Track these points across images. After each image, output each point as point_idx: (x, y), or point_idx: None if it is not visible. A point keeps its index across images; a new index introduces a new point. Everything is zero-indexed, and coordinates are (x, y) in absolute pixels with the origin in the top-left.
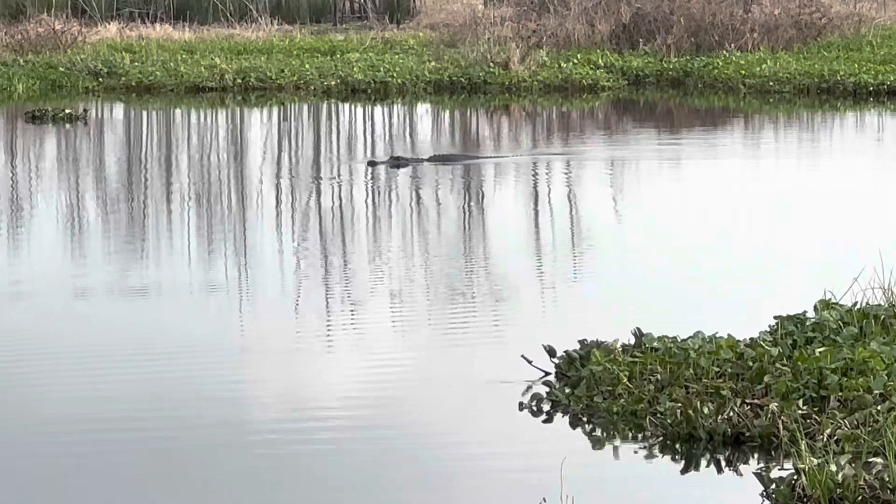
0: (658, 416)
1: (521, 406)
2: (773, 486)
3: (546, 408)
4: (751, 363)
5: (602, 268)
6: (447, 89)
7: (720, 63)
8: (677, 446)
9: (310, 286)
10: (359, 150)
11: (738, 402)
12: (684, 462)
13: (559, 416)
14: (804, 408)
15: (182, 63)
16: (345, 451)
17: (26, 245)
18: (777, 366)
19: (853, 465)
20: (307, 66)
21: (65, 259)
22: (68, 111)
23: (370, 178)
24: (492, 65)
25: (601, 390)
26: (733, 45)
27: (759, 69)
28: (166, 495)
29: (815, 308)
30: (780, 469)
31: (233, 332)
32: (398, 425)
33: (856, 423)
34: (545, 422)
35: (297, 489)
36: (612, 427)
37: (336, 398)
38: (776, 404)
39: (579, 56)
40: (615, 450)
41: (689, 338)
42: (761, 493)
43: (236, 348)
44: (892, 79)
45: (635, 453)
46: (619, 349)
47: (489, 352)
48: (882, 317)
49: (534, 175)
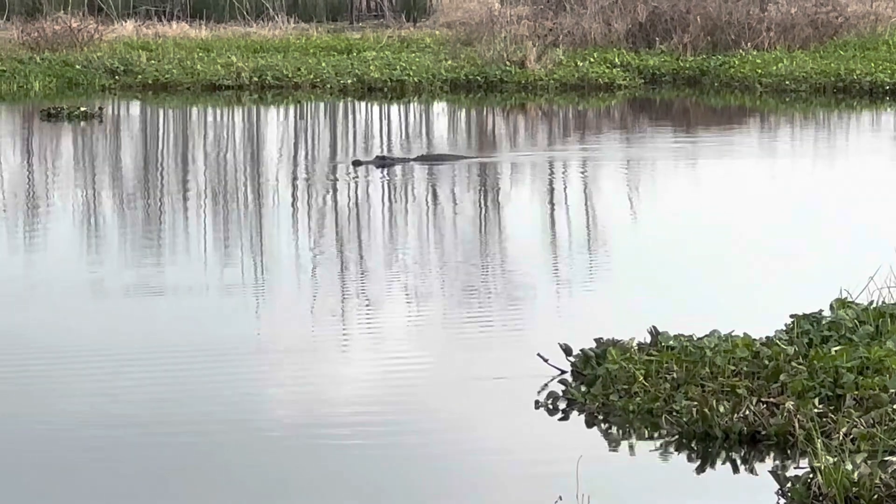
0: (674, 414)
1: (538, 404)
2: (789, 484)
3: (562, 406)
4: (767, 362)
5: (618, 266)
6: (463, 88)
7: (736, 62)
8: (693, 445)
9: (324, 285)
10: (374, 148)
11: (754, 400)
12: (700, 461)
13: (575, 414)
14: (820, 406)
15: (198, 61)
16: (361, 449)
17: (41, 243)
18: (793, 364)
19: (869, 463)
20: (324, 64)
21: (79, 257)
22: (83, 109)
23: (384, 177)
24: (508, 63)
25: (617, 389)
26: (749, 44)
27: (775, 68)
28: (181, 494)
29: (831, 307)
30: (795, 468)
31: (248, 331)
32: (414, 424)
33: (872, 421)
34: (561, 420)
35: (312, 488)
36: (627, 425)
37: (351, 397)
38: (792, 403)
39: (596, 55)
40: (631, 448)
41: (705, 336)
42: (777, 492)
43: (252, 348)
44: None
45: (651, 452)
46: (635, 348)
47: (505, 350)
48: None
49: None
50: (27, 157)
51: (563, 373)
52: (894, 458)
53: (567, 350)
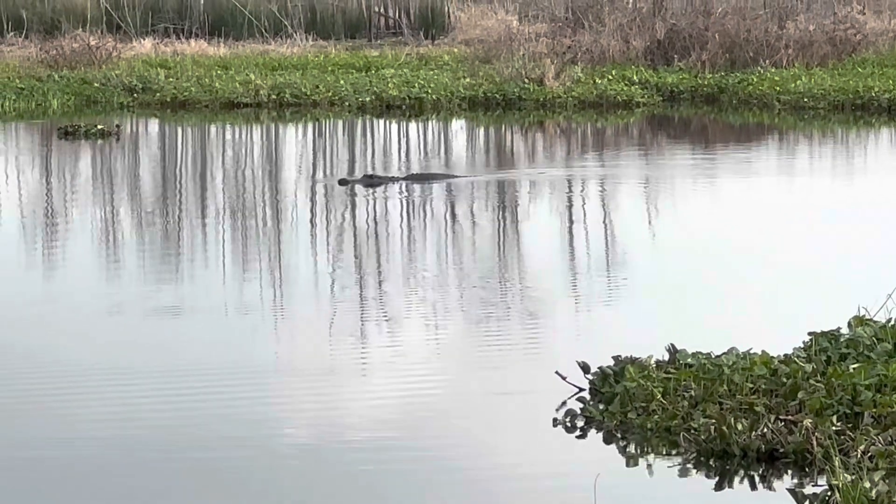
0: (692, 432)
1: (555, 422)
2: (807, 502)
3: (580, 424)
4: (785, 379)
5: (635, 284)
6: (482, 105)
7: (755, 79)
8: (711, 462)
9: (341, 304)
10: (393, 166)
11: (772, 418)
12: (718, 478)
13: (593, 432)
14: (838, 424)
15: (217, 79)
16: (379, 466)
17: (58, 262)
18: (811, 382)
19: (887, 481)
20: (342, 82)
21: (96, 276)
22: (100, 127)
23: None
24: (526, 81)
25: (635, 406)
26: (768, 62)
27: (793, 85)
28: None
29: (849, 324)
30: (813, 485)
31: (267, 352)
32: (432, 441)
33: (890, 439)
34: (579, 438)
35: None
36: (645, 443)
37: (369, 416)
38: (810, 420)
39: (614, 72)
40: (649, 466)
41: (723, 354)
42: None
43: (271, 368)
44: None
45: (669, 470)
46: (653, 365)
47: (523, 368)
48: None
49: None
50: (44, 175)
51: (582, 390)
52: None
53: (585, 368)
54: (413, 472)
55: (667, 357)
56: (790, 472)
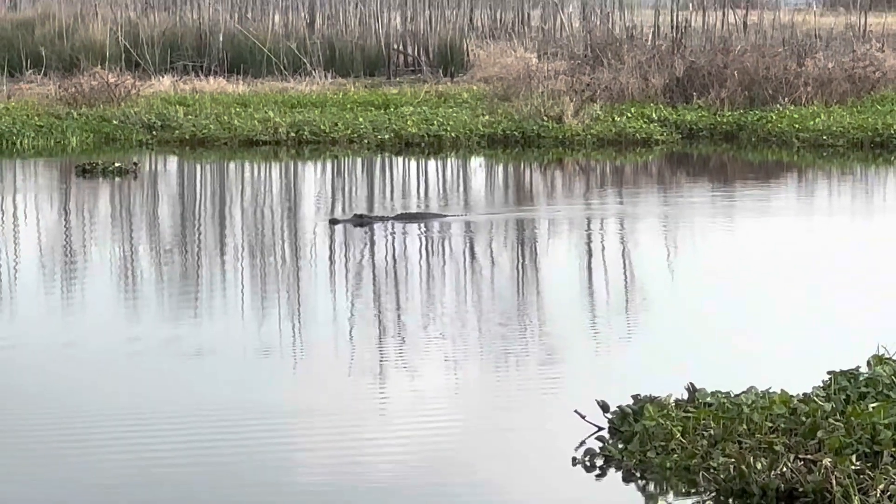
0: (711, 471)
1: (575, 461)
2: None
3: (599, 463)
4: (804, 418)
5: (654, 322)
6: (501, 143)
7: (774, 117)
8: (730, 502)
9: (358, 343)
10: (412, 204)
11: (792, 457)
12: None
13: (612, 471)
14: (857, 463)
15: (236, 116)
16: None
17: (77, 302)
18: (830, 421)
19: None
20: (361, 119)
21: (115, 316)
22: (118, 165)
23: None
24: (545, 118)
25: (654, 445)
26: (787, 99)
27: (812, 123)
28: None
29: (869, 363)
30: None
31: (285, 392)
32: (451, 480)
33: None
34: (598, 477)
35: None
36: (665, 482)
37: (387, 454)
38: (829, 460)
39: (633, 110)
40: None
41: (743, 393)
42: None
43: (288, 408)
44: None
45: None
46: (673, 404)
47: (542, 406)
48: None
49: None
50: (62, 213)
51: (601, 429)
52: None
53: (604, 406)
54: None
55: (686, 396)
56: None
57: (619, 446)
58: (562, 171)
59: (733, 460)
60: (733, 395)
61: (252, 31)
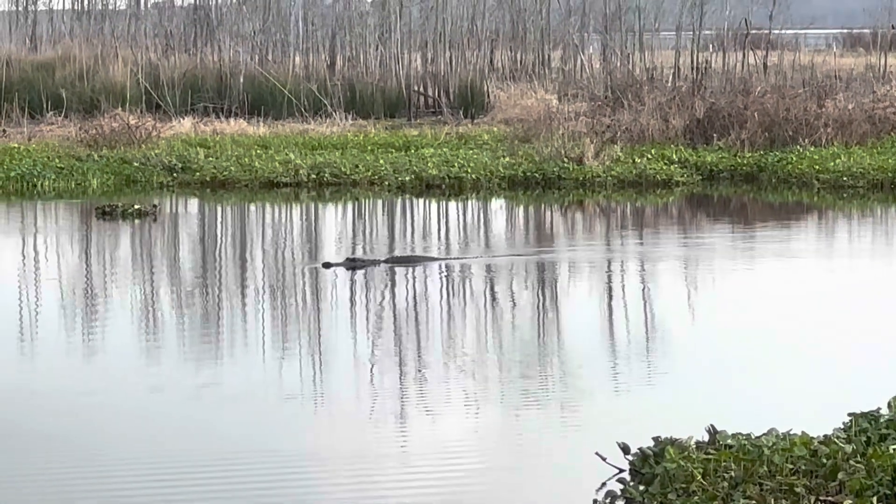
0: None
1: (595, 503)
2: None
3: None
4: (825, 460)
5: (675, 364)
6: (521, 185)
7: (794, 158)
8: None
9: (379, 386)
10: (433, 247)
11: (812, 499)
12: None
13: None
14: None
15: (256, 158)
16: None
17: (97, 345)
18: (851, 463)
19: None
20: (381, 161)
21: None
22: (137, 207)
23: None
24: (566, 160)
25: (675, 487)
26: (807, 140)
27: (832, 164)
28: None
29: (889, 405)
30: None
31: (305, 436)
32: None
33: None
34: None
35: None
36: None
37: (409, 498)
38: (850, 501)
39: (653, 151)
40: None
41: (763, 435)
42: None
43: (309, 452)
44: None
45: None
46: (693, 446)
47: (563, 449)
48: None
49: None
50: (81, 255)
51: (622, 471)
52: None
53: (625, 448)
54: None
55: (707, 438)
56: None
57: (640, 488)
58: (582, 212)
59: (754, 502)
60: (754, 437)
61: (273, 73)
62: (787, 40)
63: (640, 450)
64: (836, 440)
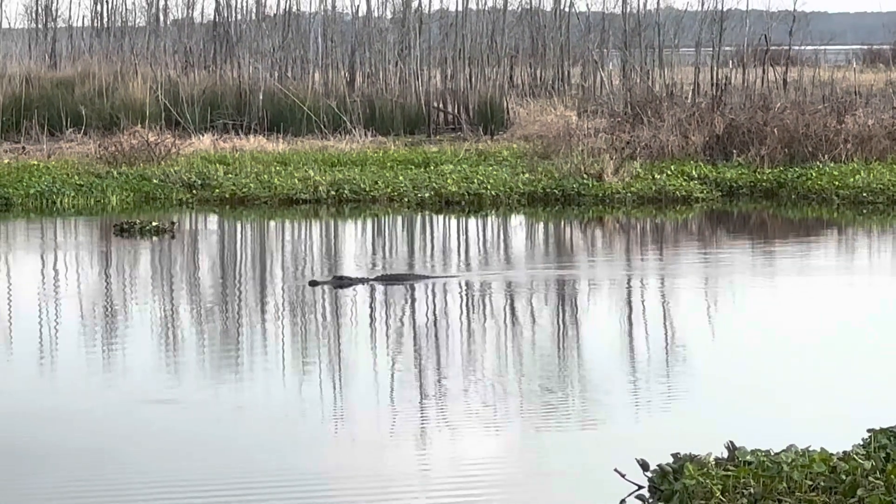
0: None
1: None
2: None
3: None
4: (844, 476)
5: (694, 381)
6: (541, 201)
7: (814, 174)
8: None
9: (399, 405)
10: (452, 263)
11: None
12: None
13: None
14: None
15: (276, 175)
16: None
17: (116, 362)
18: (870, 479)
19: None
20: (401, 177)
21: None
22: (155, 224)
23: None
24: (585, 176)
25: None
26: (827, 156)
27: (852, 180)
28: None
29: None
30: None
31: (324, 455)
32: None
33: None
34: None
35: None
36: None
37: None
38: None
39: (673, 167)
40: None
41: (782, 451)
42: None
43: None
44: None
45: None
46: (712, 463)
47: (582, 465)
48: None
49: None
50: (100, 272)
51: (641, 488)
52: None
53: (644, 465)
54: None
55: (726, 454)
56: None
57: None
58: (601, 228)
59: None
60: (773, 454)
61: (292, 90)
62: (806, 56)
63: (659, 466)
64: (855, 456)
